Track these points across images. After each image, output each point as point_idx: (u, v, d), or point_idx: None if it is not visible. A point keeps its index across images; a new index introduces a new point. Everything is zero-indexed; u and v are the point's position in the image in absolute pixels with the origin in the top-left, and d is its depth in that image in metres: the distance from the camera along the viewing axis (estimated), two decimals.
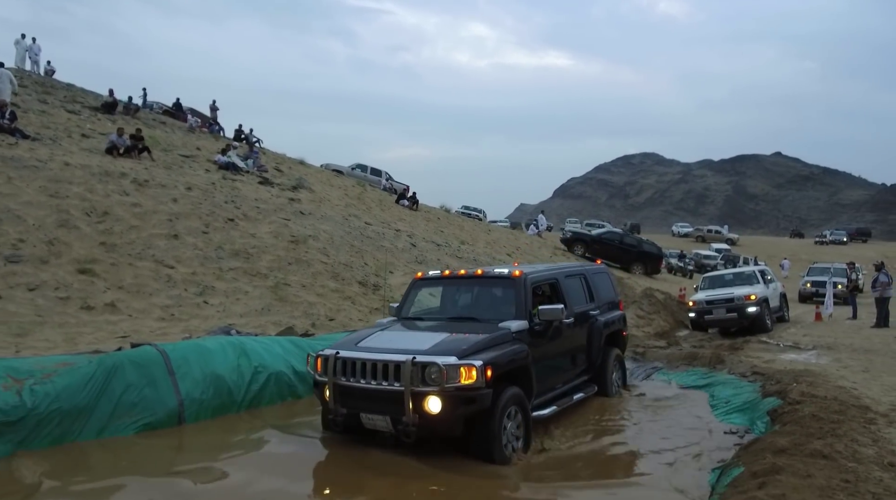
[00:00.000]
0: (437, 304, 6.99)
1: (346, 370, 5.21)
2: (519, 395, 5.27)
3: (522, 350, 5.46)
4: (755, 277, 15.91)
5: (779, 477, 3.48)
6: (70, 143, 16.32)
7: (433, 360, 4.85)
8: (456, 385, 4.78)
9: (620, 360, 7.75)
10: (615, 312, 7.77)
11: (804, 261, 43.17)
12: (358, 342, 5.54)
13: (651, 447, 5.62)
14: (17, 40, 27.74)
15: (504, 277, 6.28)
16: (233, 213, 13.77)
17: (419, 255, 16.27)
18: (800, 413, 4.94)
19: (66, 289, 8.97)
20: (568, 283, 6.86)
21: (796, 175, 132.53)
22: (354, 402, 5.18)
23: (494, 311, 6.03)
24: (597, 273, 7.84)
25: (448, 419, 4.83)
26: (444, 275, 6.93)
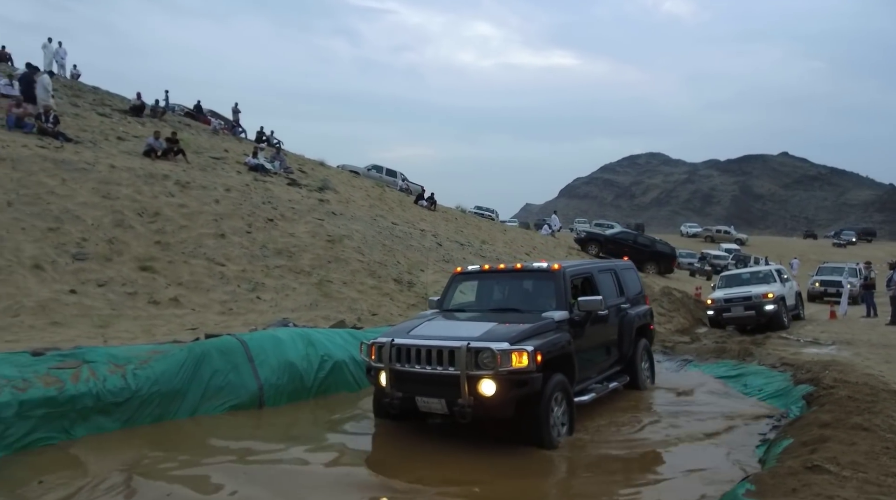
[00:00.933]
0: (471, 299, 7.19)
1: (400, 357, 5.46)
2: (564, 381, 5.56)
3: (566, 338, 5.74)
4: (772, 276, 16.38)
5: (827, 444, 4.02)
6: (108, 145, 16.93)
7: (487, 345, 5.10)
8: (508, 369, 5.02)
9: (649, 352, 8.05)
10: (643, 306, 8.12)
11: (813, 261, 43.54)
12: (409, 331, 5.80)
13: (694, 430, 6.11)
14: (45, 44, 28.30)
15: (544, 270, 6.52)
16: (271, 213, 14.35)
17: (445, 254, 16.82)
18: (835, 396, 5.47)
19: (131, 285, 9.56)
20: (601, 277, 7.14)
21: (803, 175, 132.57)
22: (410, 386, 5.42)
23: (535, 302, 6.30)
24: (625, 269, 8.15)
25: (501, 401, 5.06)
26: (484, 269, 7.15)
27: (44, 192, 11.51)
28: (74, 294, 8.80)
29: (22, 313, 7.91)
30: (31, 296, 8.40)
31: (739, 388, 7.69)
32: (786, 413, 6.40)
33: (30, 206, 10.86)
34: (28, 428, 5.33)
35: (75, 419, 5.65)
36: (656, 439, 5.80)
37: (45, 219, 10.63)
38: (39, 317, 7.89)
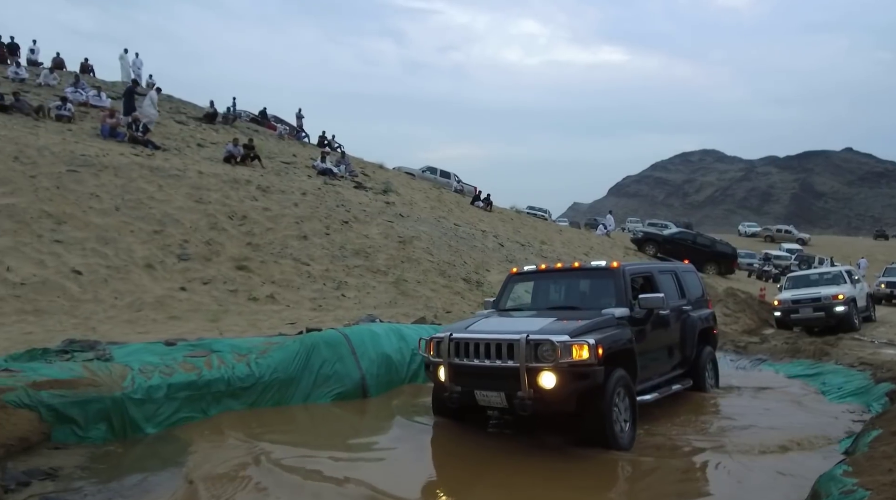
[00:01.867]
0: (527, 300, 7.15)
1: (459, 351, 5.44)
2: (626, 377, 5.42)
3: (627, 334, 5.64)
4: (842, 277, 16.17)
5: None
6: (191, 152, 18.10)
7: (547, 337, 5.04)
8: (569, 361, 4.93)
9: (713, 358, 7.79)
10: (705, 309, 7.88)
11: (881, 262, 41.96)
12: (467, 327, 5.82)
13: (776, 425, 6.36)
14: (122, 55, 30.11)
15: (602, 268, 6.43)
16: (345, 216, 15.12)
17: (508, 254, 17.28)
18: None
19: (231, 283, 10.40)
20: (662, 277, 7.00)
21: (869, 172, 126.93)
22: (469, 380, 5.40)
23: (595, 300, 6.25)
24: (686, 271, 7.96)
25: (562, 394, 4.99)
26: (541, 269, 7.06)
27: (145, 197, 12.54)
28: (184, 291, 9.68)
29: (144, 308, 8.79)
30: (148, 293, 9.30)
31: (818, 386, 7.88)
32: (866, 410, 6.61)
33: (134, 210, 11.88)
34: (174, 408, 6.08)
35: (210, 401, 6.37)
36: (736, 432, 6.10)
37: (150, 222, 11.62)
38: (159, 311, 8.76)
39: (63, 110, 17.87)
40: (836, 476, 3.87)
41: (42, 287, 8.50)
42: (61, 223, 10.51)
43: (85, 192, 11.87)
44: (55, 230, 10.24)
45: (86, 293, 8.75)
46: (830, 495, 3.69)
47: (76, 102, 19.82)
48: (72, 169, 12.63)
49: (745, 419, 6.45)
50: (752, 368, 9.44)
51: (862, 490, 3.49)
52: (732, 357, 10.07)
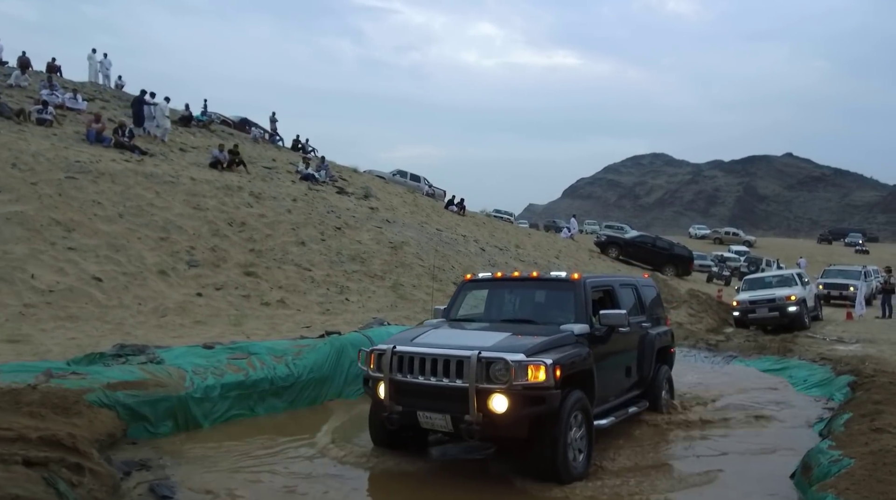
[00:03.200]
0: (481, 309, 6.68)
1: (402, 366, 4.99)
2: (584, 400, 5.04)
3: (586, 353, 5.26)
4: (793, 279, 17.65)
5: (882, 415, 5.29)
6: (176, 157, 18.25)
7: (500, 356, 4.64)
8: (523, 383, 4.56)
9: (669, 379, 7.39)
10: (663, 326, 7.54)
11: (821, 263, 44.76)
12: (413, 339, 5.35)
13: (756, 412, 7.36)
14: (90, 55, 29.67)
15: (563, 280, 6.08)
16: (337, 222, 15.65)
17: (490, 258, 18.12)
18: (878, 382, 6.73)
19: (243, 288, 10.87)
20: (622, 291, 6.68)
21: (807, 176, 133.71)
22: (411, 399, 4.94)
23: (552, 314, 5.87)
24: (646, 286, 7.63)
25: (514, 420, 4.61)
26: (497, 277, 6.63)
27: (144, 204, 12.81)
28: (201, 297, 10.11)
29: (168, 313, 9.20)
30: (168, 298, 9.70)
31: (785, 378, 8.97)
32: (830, 399, 7.66)
33: (137, 217, 12.16)
34: (227, 406, 6.62)
35: (257, 399, 6.94)
36: (718, 418, 7.04)
37: (154, 229, 11.93)
38: (183, 316, 9.19)
39: (44, 114, 17.75)
40: (824, 450, 4.81)
41: (70, 294, 8.81)
42: (71, 231, 10.74)
43: (87, 199, 12.07)
44: (66, 238, 10.48)
45: (111, 300, 9.10)
46: (820, 464, 4.61)
47: (52, 105, 19.64)
48: (70, 176, 12.78)
49: (734, 403, 7.41)
50: (724, 363, 10.50)
51: (847, 459, 4.42)
52: (706, 354, 11.14)
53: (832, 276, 26.34)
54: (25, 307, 8.12)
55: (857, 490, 3.72)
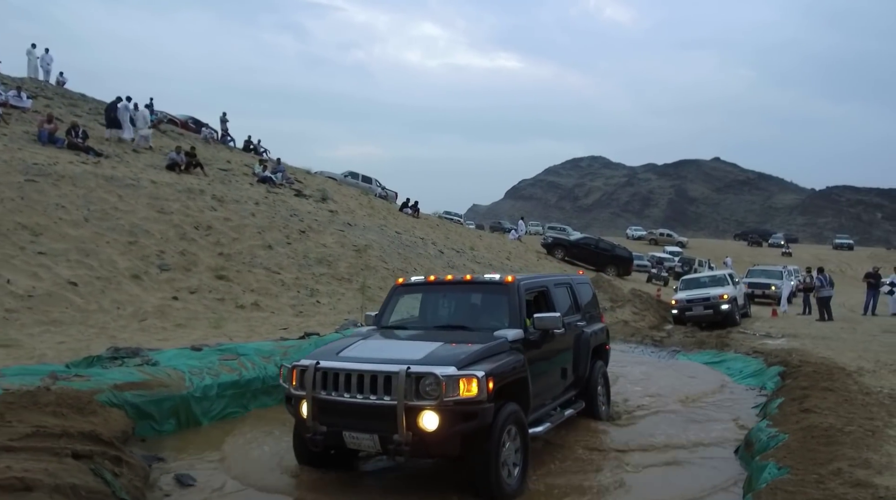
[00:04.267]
0: (415, 313, 6.54)
1: (326, 383, 4.68)
2: (518, 412, 4.85)
3: (520, 361, 5.08)
4: (726, 279, 19.13)
5: (809, 399, 6.25)
6: (132, 159, 18.03)
7: (430, 370, 4.40)
8: (455, 399, 4.34)
9: (605, 376, 7.36)
10: (598, 324, 7.51)
11: (746, 263, 47.76)
12: (339, 352, 5.07)
13: (699, 398, 8.32)
14: (29, 50, 28.48)
15: (496, 282, 5.90)
16: (300, 225, 15.94)
17: (448, 260, 18.78)
18: (804, 371, 7.79)
19: (216, 292, 11.10)
20: (557, 291, 6.55)
21: (734, 180, 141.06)
22: (336, 419, 4.64)
23: (486, 319, 5.71)
24: (581, 283, 7.55)
25: (445, 437, 4.40)
26: (430, 281, 6.47)
27: (109, 208, 12.77)
28: (177, 301, 10.30)
29: (148, 317, 9.38)
30: (145, 302, 9.86)
31: (723, 370, 10.02)
32: (763, 387, 8.71)
33: (103, 221, 12.14)
34: (224, 404, 6.99)
35: (250, 398, 7.33)
36: (667, 408, 7.94)
37: (121, 233, 11.96)
38: (163, 320, 9.39)
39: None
40: (763, 428, 5.70)
41: (49, 299, 8.87)
42: (38, 235, 10.69)
43: (50, 203, 11.97)
44: (34, 242, 10.43)
45: (90, 304, 9.21)
46: (760, 440, 5.48)
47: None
48: (30, 178, 12.61)
49: (676, 391, 8.32)
50: (669, 357, 11.54)
51: (782, 434, 5.30)
52: (652, 349, 12.16)
53: (756, 275, 27.68)
54: (8, 312, 8.17)
55: (793, 458, 4.56)
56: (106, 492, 4.15)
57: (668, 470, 5.60)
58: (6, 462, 3.72)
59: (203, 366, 7.24)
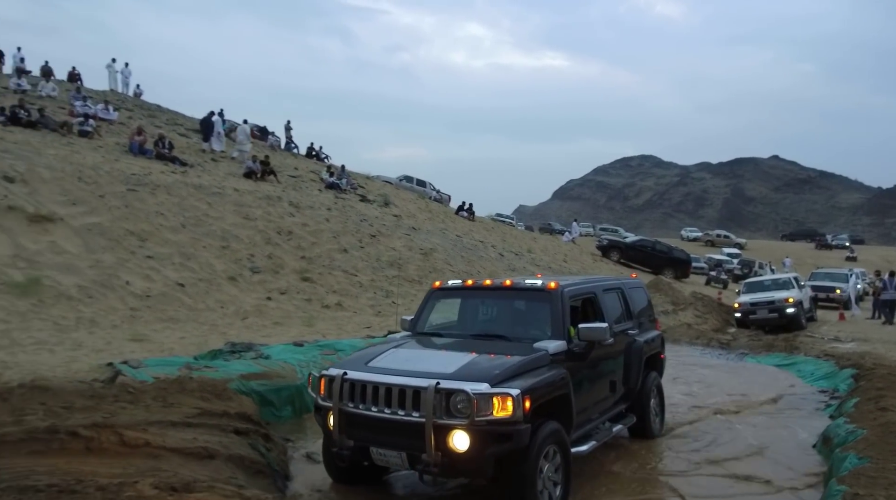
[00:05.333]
0: (453, 319, 6.16)
1: (354, 395, 4.47)
2: (558, 431, 4.54)
3: (562, 376, 4.73)
4: (791, 282, 18.98)
5: (885, 399, 6.53)
6: (212, 167, 19.26)
7: (461, 386, 4.13)
8: (487, 418, 4.07)
9: (659, 388, 6.94)
10: (653, 331, 7.02)
11: (809, 265, 46.42)
12: (368, 361, 4.81)
13: (775, 398, 8.60)
14: (109, 64, 30.55)
15: (538, 289, 5.51)
16: (370, 229, 16.76)
17: (509, 263, 19.30)
18: (878, 373, 7.99)
19: (304, 293, 11.96)
20: (605, 298, 6.10)
21: (794, 178, 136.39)
22: (364, 433, 4.42)
23: (526, 328, 5.36)
24: (633, 288, 7.05)
25: (477, 460, 4.13)
26: (467, 285, 6.11)
27: (201, 215, 13.84)
28: (271, 301, 11.19)
29: (249, 315, 10.28)
30: (244, 302, 10.78)
31: (794, 373, 10.22)
32: (835, 390, 8.90)
33: (198, 227, 13.20)
34: None
35: None
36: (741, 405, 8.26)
37: (214, 238, 12.98)
38: (261, 318, 10.27)
39: (85, 126, 18.68)
40: (841, 424, 6.03)
41: (164, 299, 9.86)
42: (144, 240, 11.77)
43: (150, 210, 13.09)
44: (142, 247, 11.51)
45: (197, 303, 10.17)
46: (839, 435, 5.82)
47: (86, 116, 20.55)
48: (131, 188, 13.78)
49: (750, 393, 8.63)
50: (736, 360, 11.75)
51: (860, 429, 5.63)
52: (720, 352, 12.39)
53: (820, 278, 27.05)
54: (132, 311, 9.18)
55: (872, 450, 4.92)
56: (262, 463, 4.90)
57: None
58: (192, 435, 4.49)
59: (308, 360, 8.02)
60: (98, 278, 9.79)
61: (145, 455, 3.97)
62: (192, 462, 4.21)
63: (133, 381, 6.00)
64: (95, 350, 7.34)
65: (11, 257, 9.53)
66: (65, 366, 6.50)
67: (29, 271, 9.27)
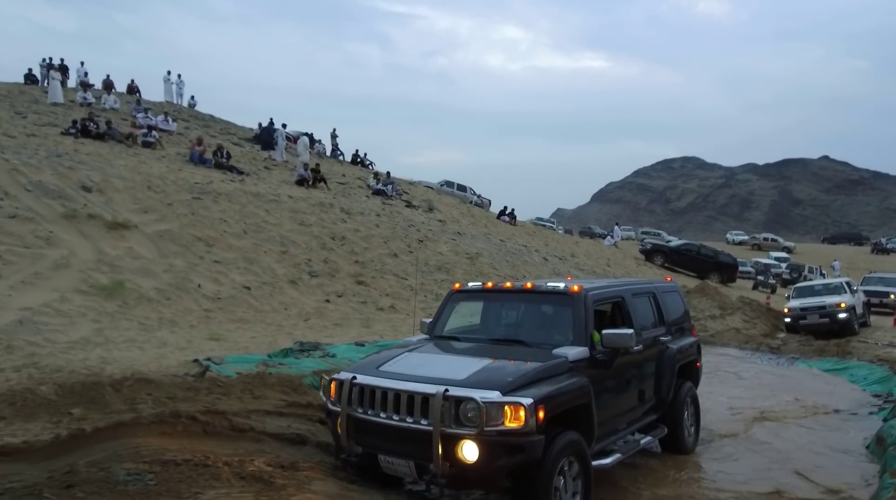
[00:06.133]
0: (475, 323, 6.02)
1: (363, 400, 4.37)
2: (577, 442, 4.36)
3: (582, 385, 4.54)
4: (842, 287, 18.69)
5: None
6: (266, 175, 20.10)
7: (470, 394, 4.00)
8: (498, 429, 3.93)
9: (694, 397, 6.62)
10: (688, 338, 6.70)
11: (861, 269, 45.01)
12: (380, 365, 4.70)
13: (827, 402, 8.68)
14: (165, 77, 32.00)
15: (560, 292, 5.30)
16: (417, 235, 17.26)
17: (553, 267, 19.54)
18: None
19: (359, 296, 12.50)
20: (635, 302, 5.83)
21: (845, 179, 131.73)
22: (372, 440, 4.34)
23: (546, 334, 5.13)
24: (667, 292, 6.72)
25: (487, 471, 4.01)
26: (487, 287, 5.88)
27: (260, 221, 14.56)
28: (330, 303, 11.76)
29: (310, 317, 10.86)
30: (305, 304, 11.36)
31: (847, 377, 10.23)
32: (890, 394, 8.93)
33: (258, 233, 13.91)
34: None
35: None
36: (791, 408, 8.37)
37: (274, 244, 13.66)
38: (322, 319, 10.84)
39: (149, 137, 19.76)
40: (895, 425, 6.17)
41: (233, 301, 10.52)
42: (211, 246, 12.50)
43: (214, 217, 13.86)
44: (209, 252, 12.23)
45: (263, 305, 10.80)
46: (892, 435, 5.97)
47: (147, 127, 21.68)
48: (195, 196, 14.61)
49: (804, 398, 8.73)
50: (787, 364, 11.77)
51: None
52: (770, 357, 12.41)
53: (872, 283, 26.36)
54: (206, 312, 9.84)
55: None
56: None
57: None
58: (286, 423, 4.99)
59: None
60: (173, 281, 10.50)
61: (250, 439, 4.47)
62: (288, 447, 4.70)
63: (219, 376, 6.56)
64: (179, 348, 7.97)
65: (95, 261, 10.33)
66: (156, 362, 7.12)
67: (112, 274, 10.04)
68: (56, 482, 3.15)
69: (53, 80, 24.63)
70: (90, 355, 7.03)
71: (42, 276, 9.21)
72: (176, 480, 3.29)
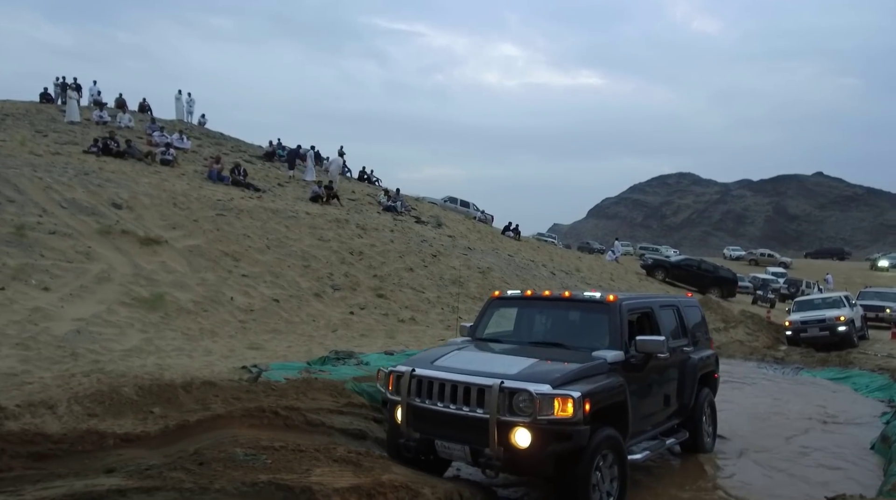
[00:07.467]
0: (510, 327, 6.42)
1: (421, 390, 4.81)
2: (615, 437, 4.80)
3: (619, 384, 4.99)
4: (841, 301, 19.27)
5: None
6: (281, 192, 20.65)
7: (524, 386, 4.43)
8: (549, 418, 4.34)
9: (712, 406, 7.17)
10: (707, 350, 7.25)
11: (857, 284, 45.65)
12: (434, 360, 5.15)
13: (831, 410, 9.19)
14: (177, 96, 32.70)
15: (597, 301, 5.79)
16: (430, 250, 17.80)
17: (562, 282, 20.08)
18: None
19: (380, 308, 13.00)
20: (662, 314, 6.34)
21: (839, 195, 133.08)
22: (429, 426, 4.76)
23: (584, 338, 5.58)
24: (688, 306, 7.27)
25: (538, 456, 4.41)
26: (526, 295, 6.45)
27: (282, 236, 15.08)
28: (353, 315, 12.26)
29: (337, 328, 11.35)
30: (331, 317, 11.85)
31: (849, 385, 10.75)
32: (892, 400, 9.46)
33: (280, 248, 14.42)
34: None
35: None
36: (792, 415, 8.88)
37: (296, 258, 14.17)
38: (349, 330, 11.32)
39: (167, 155, 20.32)
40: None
41: (265, 313, 11.01)
42: (238, 261, 13.00)
43: (238, 233, 14.37)
44: (237, 267, 12.73)
45: (293, 317, 11.29)
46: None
47: (163, 145, 22.24)
48: (219, 213, 15.13)
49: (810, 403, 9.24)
50: (792, 374, 12.29)
51: None
52: (775, 367, 12.94)
53: (869, 298, 26.64)
54: (241, 323, 10.33)
55: None
56: None
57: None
58: (349, 420, 5.49)
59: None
60: (207, 294, 10.99)
61: (322, 433, 4.97)
62: (352, 440, 5.20)
63: (269, 381, 7.04)
64: (223, 356, 8.46)
65: (133, 275, 10.82)
66: (207, 368, 7.60)
67: (150, 287, 10.52)
68: (188, 461, 3.63)
69: (71, 99, 25.23)
70: (146, 362, 7.51)
71: (88, 289, 9.69)
72: (286, 460, 3.78)
